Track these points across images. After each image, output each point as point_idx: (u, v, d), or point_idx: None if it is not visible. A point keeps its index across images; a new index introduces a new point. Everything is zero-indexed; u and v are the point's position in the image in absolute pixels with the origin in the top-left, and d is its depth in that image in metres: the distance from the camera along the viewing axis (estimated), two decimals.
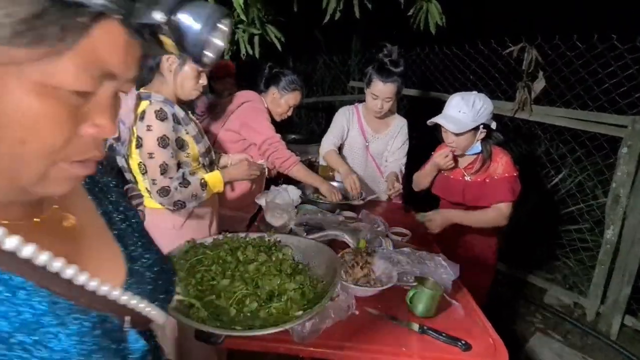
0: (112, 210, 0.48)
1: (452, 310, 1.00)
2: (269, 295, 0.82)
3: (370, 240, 1.22)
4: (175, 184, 1.22)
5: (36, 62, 0.25)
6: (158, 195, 1.21)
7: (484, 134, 1.43)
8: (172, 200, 1.22)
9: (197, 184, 1.28)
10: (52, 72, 0.26)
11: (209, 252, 0.92)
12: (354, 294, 0.96)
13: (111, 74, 0.30)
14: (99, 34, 0.27)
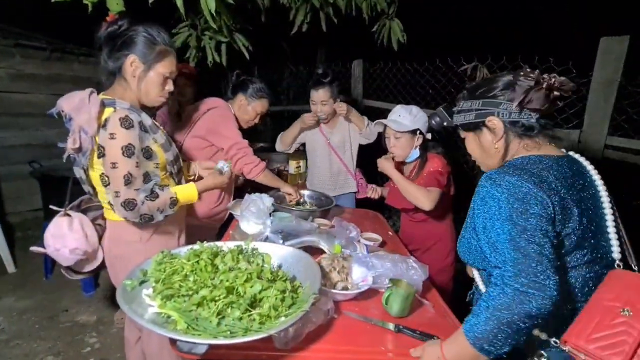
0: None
1: (423, 309, 1.06)
2: (251, 302, 0.82)
3: (345, 246, 1.26)
4: (141, 197, 1.13)
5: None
6: (123, 209, 1.11)
7: (421, 140, 1.62)
8: (139, 213, 1.13)
9: (167, 199, 1.19)
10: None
11: (185, 262, 0.90)
12: (332, 298, 0.99)
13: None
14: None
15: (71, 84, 3.73)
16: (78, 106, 1.07)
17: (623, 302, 0.78)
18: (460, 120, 0.97)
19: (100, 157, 1.11)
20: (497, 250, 0.81)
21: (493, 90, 0.91)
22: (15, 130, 3.45)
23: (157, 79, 1.19)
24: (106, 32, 1.14)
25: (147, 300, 0.85)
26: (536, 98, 0.86)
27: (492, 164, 0.97)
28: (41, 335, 1.99)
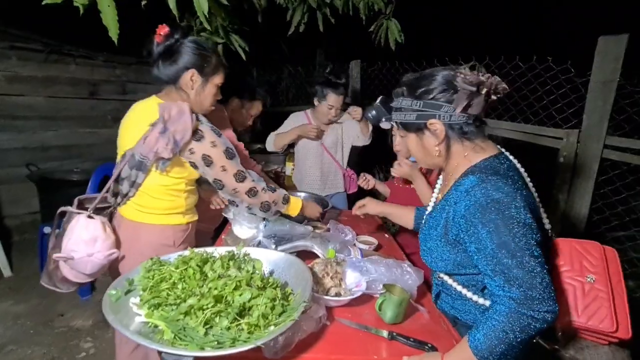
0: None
1: (418, 315, 1.04)
2: (240, 311, 0.80)
3: (339, 250, 1.24)
4: (261, 185, 1.28)
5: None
6: (247, 196, 1.24)
7: None
8: (260, 200, 1.27)
9: (280, 195, 1.34)
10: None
11: (173, 270, 0.88)
12: (325, 305, 0.97)
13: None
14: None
15: (68, 86, 3.72)
16: (175, 117, 1.13)
17: (579, 271, 0.91)
18: (400, 119, 0.95)
19: (209, 165, 1.19)
20: (499, 266, 0.79)
21: (433, 92, 0.88)
22: (12, 133, 3.43)
23: (213, 90, 1.29)
24: (163, 47, 1.19)
25: (135, 309, 0.84)
26: (476, 103, 0.86)
27: (433, 164, 1.00)
28: (36, 341, 1.97)
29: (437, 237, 0.95)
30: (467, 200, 0.84)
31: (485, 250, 0.81)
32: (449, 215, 0.91)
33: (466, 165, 0.92)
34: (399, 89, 0.95)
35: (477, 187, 0.83)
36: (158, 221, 1.25)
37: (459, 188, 0.88)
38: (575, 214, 2.18)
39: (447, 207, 0.92)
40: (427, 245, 0.99)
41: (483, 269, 0.83)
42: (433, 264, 0.98)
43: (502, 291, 0.79)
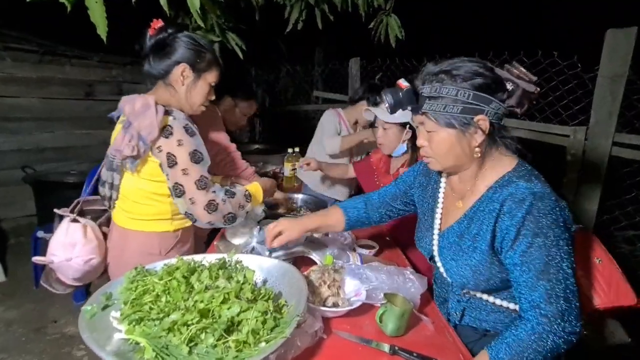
0: None
1: (422, 326, 0.98)
2: (227, 327, 0.73)
3: (337, 256, 1.17)
4: (221, 196, 1.13)
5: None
6: (206, 212, 1.09)
7: (409, 135, 1.53)
8: (222, 214, 1.12)
9: (242, 195, 1.21)
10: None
11: (157, 282, 0.82)
12: (322, 316, 0.90)
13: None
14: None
15: (64, 87, 3.67)
16: (139, 111, 1.05)
17: (586, 255, 0.95)
18: (437, 110, 0.81)
19: (172, 166, 1.08)
20: (543, 281, 0.75)
21: (487, 82, 0.79)
22: (6, 135, 3.38)
23: (205, 88, 1.20)
24: (155, 40, 1.11)
25: (115, 323, 0.77)
26: (523, 103, 0.81)
27: (458, 166, 0.89)
28: (27, 349, 1.92)
29: (480, 252, 0.85)
30: (522, 209, 0.77)
31: (533, 263, 0.76)
32: (494, 226, 0.82)
33: (499, 170, 0.85)
34: (431, 73, 0.83)
35: (532, 196, 0.77)
36: (143, 228, 1.18)
37: (503, 195, 0.81)
38: (584, 213, 2.11)
39: (487, 216, 0.84)
40: (460, 262, 0.89)
41: (522, 281, 0.78)
42: (468, 283, 0.89)
43: (537, 308, 0.75)
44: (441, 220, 0.99)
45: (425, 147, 0.89)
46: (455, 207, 0.95)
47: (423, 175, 1.11)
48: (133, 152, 1.04)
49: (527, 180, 0.80)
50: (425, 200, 1.07)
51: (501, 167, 0.86)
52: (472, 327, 0.96)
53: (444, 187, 1.01)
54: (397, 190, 1.16)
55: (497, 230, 0.82)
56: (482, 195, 0.87)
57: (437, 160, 0.89)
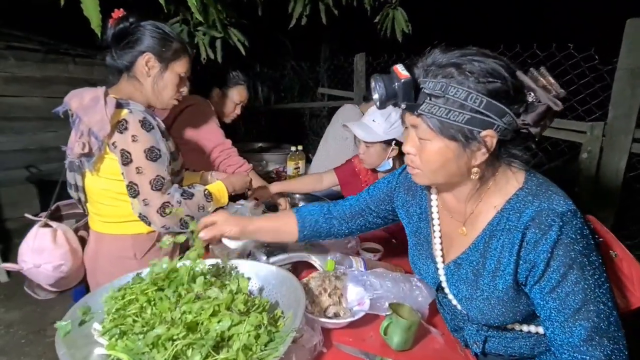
0: None
1: (430, 338, 0.90)
2: (217, 342, 0.67)
3: (340, 261, 1.10)
4: (177, 197, 1.04)
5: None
6: (159, 216, 1.00)
7: (396, 152, 1.40)
8: (177, 218, 1.03)
9: (201, 195, 1.11)
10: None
11: (139, 294, 0.76)
12: (322, 327, 0.84)
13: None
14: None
15: (67, 86, 3.60)
16: (89, 105, 0.97)
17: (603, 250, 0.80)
18: (438, 115, 0.64)
19: (126, 164, 1.00)
20: (583, 315, 0.64)
21: (506, 88, 0.62)
22: (11, 135, 3.38)
23: (174, 79, 1.12)
24: (117, 29, 1.05)
25: (96, 336, 0.72)
26: (546, 122, 0.65)
27: (452, 183, 0.74)
28: (26, 351, 1.90)
29: (503, 289, 0.71)
30: (550, 238, 0.64)
31: (568, 301, 0.64)
32: (517, 257, 0.68)
33: (507, 187, 0.71)
34: (438, 64, 0.65)
35: (559, 219, 0.64)
36: (115, 230, 1.11)
37: (523, 221, 0.67)
38: (601, 214, 2.01)
39: (505, 248, 0.70)
40: (479, 299, 0.75)
41: (555, 321, 0.66)
42: (490, 320, 0.76)
43: (577, 353, 0.64)
44: (442, 247, 0.84)
45: (412, 155, 0.73)
46: (457, 234, 0.80)
47: (404, 190, 0.94)
48: (84, 150, 0.97)
49: (548, 199, 0.67)
50: (414, 222, 0.91)
51: (509, 184, 0.72)
52: (497, 354, 0.84)
53: (436, 207, 0.86)
54: (371, 202, 1.00)
55: (521, 262, 0.69)
56: (492, 219, 0.73)
57: (424, 174, 0.73)
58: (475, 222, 0.76)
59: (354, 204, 1.03)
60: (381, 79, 0.67)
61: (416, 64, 0.69)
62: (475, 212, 0.76)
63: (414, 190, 0.92)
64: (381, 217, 1.01)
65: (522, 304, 0.72)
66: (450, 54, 0.66)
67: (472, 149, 0.65)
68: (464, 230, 0.79)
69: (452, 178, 0.72)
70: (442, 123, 0.64)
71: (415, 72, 0.67)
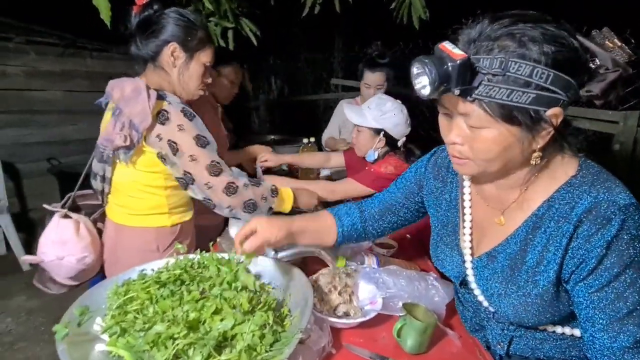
0: None
1: (447, 341, 0.85)
2: (219, 342, 0.64)
3: (351, 257, 1.06)
4: (242, 181, 1.05)
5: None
6: (225, 195, 1.01)
7: (382, 143, 1.40)
8: (242, 199, 1.04)
9: (268, 188, 1.11)
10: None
11: (140, 292, 0.73)
12: (331, 327, 0.79)
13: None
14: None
15: (86, 80, 3.72)
16: (130, 96, 0.97)
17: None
18: (499, 97, 0.54)
19: (176, 154, 1.00)
20: (630, 328, 0.58)
21: (573, 56, 0.54)
22: (33, 128, 3.48)
23: (199, 69, 1.09)
24: (141, 17, 1.02)
25: (99, 332, 0.70)
26: (617, 91, 0.58)
27: (502, 174, 0.66)
28: (45, 338, 1.95)
29: (543, 287, 0.65)
30: (609, 232, 0.57)
31: (617, 302, 0.58)
32: (564, 253, 0.62)
33: (559, 175, 0.65)
34: (488, 36, 0.56)
35: (620, 212, 0.57)
36: (139, 223, 1.11)
37: (577, 212, 0.60)
38: None
39: (553, 240, 0.63)
40: (513, 297, 0.68)
41: (598, 323, 0.60)
42: (523, 320, 0.69)
43: (620, 359, 0.59)
44: (472, 238, 0.77)
45: (459, 145, 0.63)
46: (493, 224, 0.73)
47: (434, 177, 0.87)
48: (125, 142, 0.96)
49: (607, 190, 0.60)
50: (442, 211, 0.84)
51: (559, 171, 0.65)
52: (522, 356, 0.77)
53: (469, 194, 0.78)
54: (400, 195, 0.94)
55: (568, 257, 0.62)
56: (537, 209, 0.66)
57: (475, 165, 0.64)
58: (518, 211, 0.69)
59: (382, 200, 0.97)
60: (430, 61, 0.55)
61: (457, 39, 0.59)
62: (519, 200, 0.68)
63: (444, 177, 0.85)
64: (412, 210, 0.94)
65: (562, 303, 0.65)
66: (499, 23, 0.56)
67: (537, 129, 0.57)
68: (501, 220, 0.71)
69: (509, 164, 0.63)
70: (503, 107, 0.55)
71: (461, 50, 0.56)
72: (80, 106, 3.70)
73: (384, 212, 0.95)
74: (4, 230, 2.78)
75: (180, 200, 1.16)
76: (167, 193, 1.10)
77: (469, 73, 0.55)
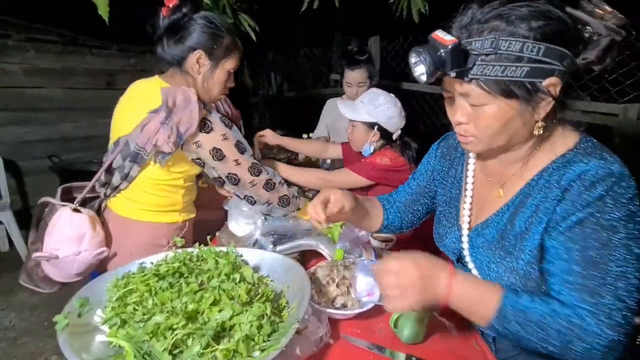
0: None
1: (443, 331, 0.86)
2: (217, 332, 0.65)
3: (349, 250, 1.06)
4: (278, 179, 1.20)
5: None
6: (265, 191, 1.16)
7: (377, 137, 1.41)
8: (278, 194, 1.19)
9: (295, 189, 1.26)
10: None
11: (139, 284, 0.74)
12: (329, 318, 0.80)
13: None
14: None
15: (86, 77, 3.73)
16: (182, 105, 1.00)
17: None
18: (494, 74, 0.58)
19: (221, 160, 1.09)
20: (591, 283, 0.59)
21: (563, 28, 0.57)
22: (33, 126, 3.49)
23: (223, 76, 1.13)
24: (169, 21, 1.03)
25: (99, 323, 0.71)
26: (612, 55, 0.60)
27: (507, 148, 0.68)
28: (48, 333, 1.97)
29: (530, 252, 0.66)
30: (594, 194, 0.59)
31: (585, 251, 0.59)
32: (551, 217, 0.64)
33: (558, 148, 0.66)
34: (479, 20, 0.59)
35: (610, 177, 0.59)
36: (151, 218, 1.13)
37: (567, 177, 0.62)
38: None
39: (541, 205, 0.65)
40: (502, 266, 0.70)
41: (560, 271, 0.62)
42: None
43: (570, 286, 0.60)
44: (471, 212, 0.79)
45: (464, 125, 0.67)
46: (492, 197, 0.75)
47: (442, 157, 0.91)
48: (172, 149, 0.99)
49: (600, 158, 0.61)
50: (447, 188, 0.87)
51: (560, 145, 0.66)
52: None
53: (473, 170, 0.81)
54: (419, 183, 0.97)
55: (553, 218, 0.63)
56: (531, 179, 0.68)
57: (481, 141, 0.67)
58: (516, 183, 0.72)
59: (406, 191, 1.00)
60: (424, 50, 0.60)
61: (451, 27, 0.63)
62: (518, 173, 0.71)
63: (452, 156, 0.89)
64: (433, 197, 0.97)
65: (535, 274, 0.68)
66: (489, 6, 0.60)
67: (536, 101, 0.60)
68: (500, 192, 0.74)
69: (513, 139, 0.66)
70: (498, 83, 0.58)
71: (454, 36, 0.61)
72: (80, 103, 3.71)
73: (410, 203, 0.99)
74: (7, 227, 2.80)
75: (190, 199, 1.20)
76: (183, 192, 1.15)
77: (462, 56, 0.59)
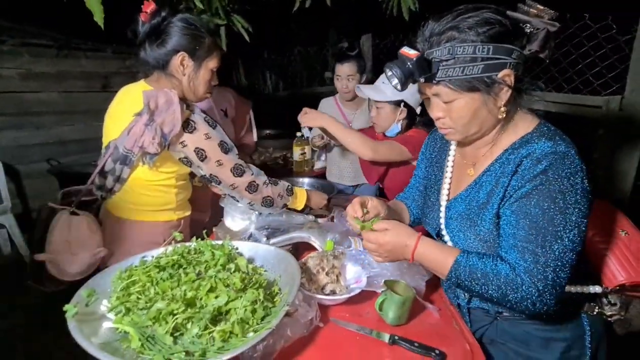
0: None
1: (427, 314, 0.92)
2: (214, 316, 0.71)
3: (339, 241, 1.12)
4: (262, 179, 1.20)
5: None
6: (247, 192, 1.17)
7: (404, 114, 1.45)
8: (262, 195, 1.19)
9: (284, 187, 1.25)
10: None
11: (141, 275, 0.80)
12: (317, 304, 0.86)
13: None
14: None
15: (81, 80, 3.75)
16: (162, 108, 1.03)
17: (609, 229, 0.87)
18: (456, 75, 0.70)
19: (203, 160, 1.10)
20: (531, 246, 0.69)
21: (505, 29, 0.69)
22: (30, 130, 3.52)
23: (207, 75, 1.16)
24: (149, 26, 1.06)
25: (106, 311, 0.77)
26: (551, 44, 0.71)
27: (481, 133, 0.80)
28: (53, 331, 2.02)
29: (489, 221, 0.78)
30: (538, 168, 0.70)
31: (527, 219, 0.70)
32: (506, 189, 0.75)
33: (519, 132, 0.78)
34: (436, 33, 0.71)
35: (553, 155, 0.69)
36: (147, 218, 1.18)
37: (520, 155, 0.74)
38: (617, 192, 1.94)
39: (499, 179, 0.77)
40: (468, 234, 0.82)
41: (508, 235, 0.73)
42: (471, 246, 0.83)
43: (528, 271, 0.70)
44: (449, 191, 0.91)
45: (442, 119, 0.79)
46: (465, 175, 0.87)
47: (432, 148, 1.04)
48: (157, 150, 1.03)
49: (549, 139, 0.72)
50: (433, 174, 0.99)
51: (522, 129, 0.78)
52: (483, 309, 0.89)
53: (453, 156, 0.93)
54: (423, 175, 1.08)
55: (507, 192, 0.75)
56: (495, 158, 0.80)
57: (457, 131, 0.80)
58: (484, 162, 0.83)
59: (414, 186, 1.11)
60: (395, 64, 0.73)
61: (416, 40, 0.75)
62: (487, 154, 0.82)
63: (440, 146, 1.00)
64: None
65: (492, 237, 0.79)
66: (444, 20, 0.72)
67: (495, 91, 0.72)
68: (471, 171, 0.86)
69: (484, 124, 0.78)
70: (461, 81, 0.71)
71: (419, 48, 0.74)
72: (77, 106, 3.74)
73: (423, 193, 1.07)
74: (9, 230, 2.85)
75: (184, 197, 1.25)
76: (176, 191, 1.19)
77: (426, 64, 0.72)
